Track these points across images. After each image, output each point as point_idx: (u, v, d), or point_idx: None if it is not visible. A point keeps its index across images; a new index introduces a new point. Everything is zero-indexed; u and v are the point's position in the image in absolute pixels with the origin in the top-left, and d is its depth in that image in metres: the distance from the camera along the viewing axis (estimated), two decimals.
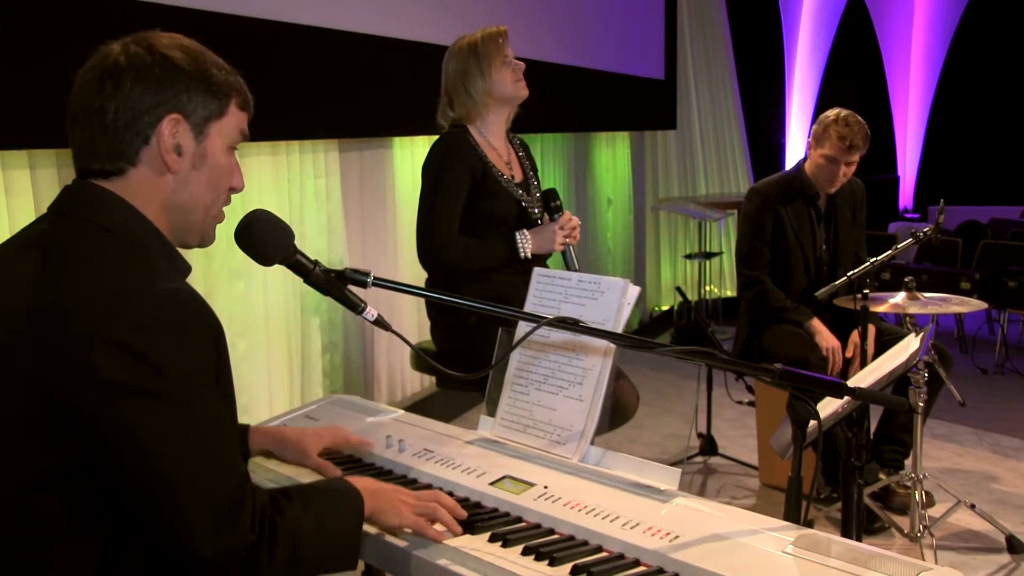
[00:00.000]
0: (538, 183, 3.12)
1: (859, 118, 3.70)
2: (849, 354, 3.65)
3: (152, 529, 1.28)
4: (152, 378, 1.23)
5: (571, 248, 2.96)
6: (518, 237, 2.90)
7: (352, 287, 1.64)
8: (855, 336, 3.57)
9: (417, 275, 3.04)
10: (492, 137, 3.01)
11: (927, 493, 3.52)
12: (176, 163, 1.40)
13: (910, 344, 2.75)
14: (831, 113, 3.74)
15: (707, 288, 7.56)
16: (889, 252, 3.37)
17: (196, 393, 1.28)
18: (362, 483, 1.55)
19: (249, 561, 1.30)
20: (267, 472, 1.81)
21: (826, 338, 3.68)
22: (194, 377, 1.28)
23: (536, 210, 3.02)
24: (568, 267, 2.95)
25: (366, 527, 1.53)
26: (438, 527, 1.54)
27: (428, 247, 2.90)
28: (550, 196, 2.98)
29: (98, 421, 1.23)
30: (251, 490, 1.33)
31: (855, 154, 3.68)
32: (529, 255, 2.90)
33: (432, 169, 2.94)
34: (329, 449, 1.86)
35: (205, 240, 1.50)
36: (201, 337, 1.30)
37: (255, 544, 1.30)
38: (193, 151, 1.41)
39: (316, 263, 1.61)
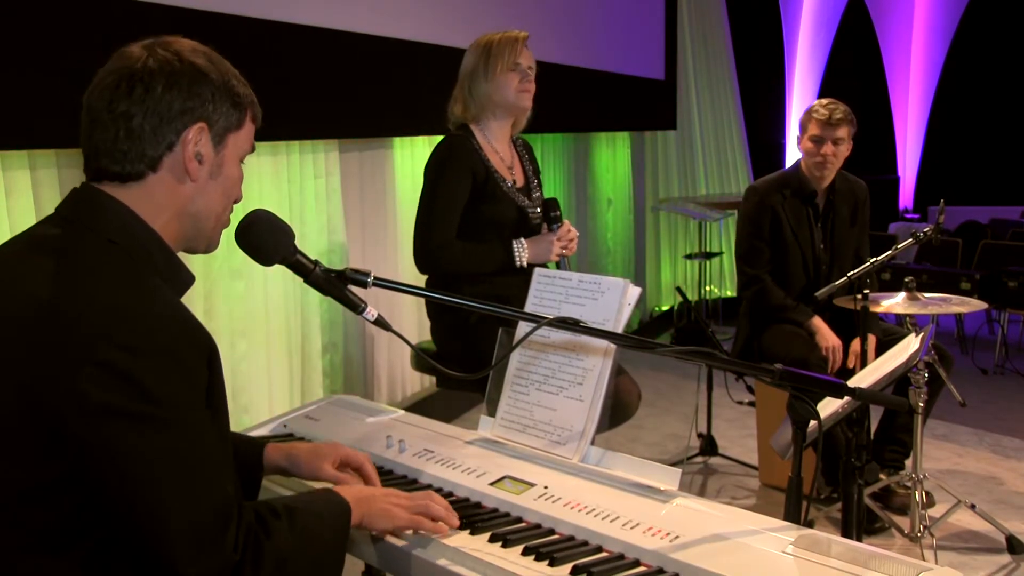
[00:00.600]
0: (540, 187, 3.12)
1: (840, 101, 3.80)
2: (851, 364, 3.65)
3: (137, 548, 1.28)
4: (140, 401, 1.23)
5: (567, 260, 2.95)
6: (515, 246, 2.90)
7: (352, 287, 1.64)
8: (855, 346, 3.57)
9: (417, 275, 3.04)
10: (495, 140, 3.00)
11: (927, 493, 3.52)
12: (197, 171, 1.40)
13: (910, 344, 2.75)
14: (812, 104, 3.87)
15: (707, 288, 7.56)
16: (889, 252, 3.37)
17: (184, 416, 1.27)
18: (352, 491, 1.55)
19: None
20: (284, 489, 1.78)
21: (826, 337, 3.68)
22: (183, 400, 1.27)
23: (537, 215, 3.01)
24: None
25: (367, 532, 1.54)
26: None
27: (425, 249, 2.90)
28: (550, 206, 2.97)
29: (84, 442, 1.22)
30: (237, 509, 1.33)
31: (839, 129, 3.71)
32: (525, 264, 2.89)
33: (433, 171, 2.94)
34: (345, 460, 1.77)
35: (211, 246, 1.51)
36: (192, 360, 1.29)
37: (238, 565, 1.30)
38: (212, 160, 1.42)
39: (316, 263, 1.61)
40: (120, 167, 1.37)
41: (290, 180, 3.70)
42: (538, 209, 3.02)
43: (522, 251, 2.90)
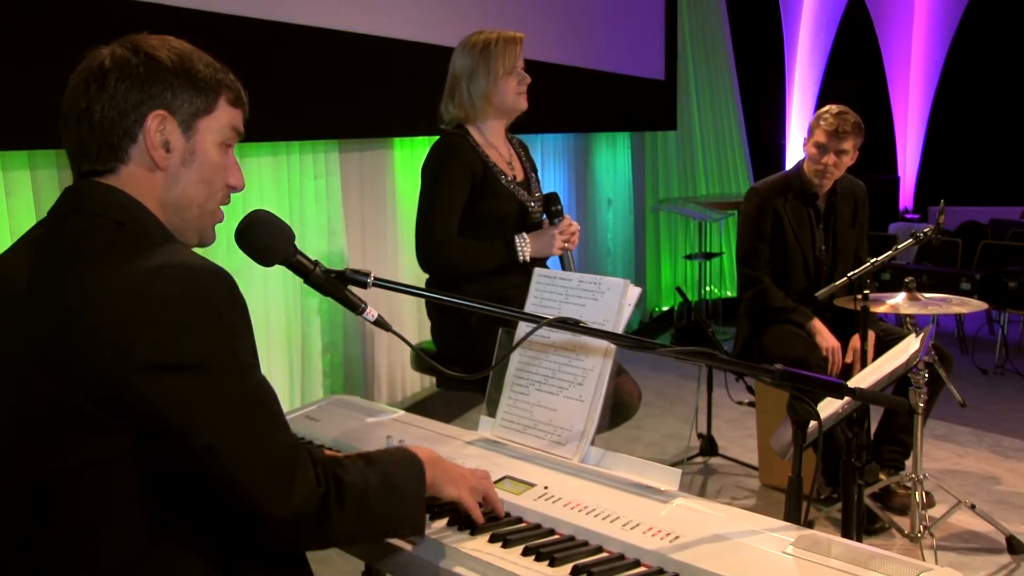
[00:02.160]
0: (539, 183, 3.12)
1: (851, 111, 3.76)
2: (849, 359, 3.66)
3: (220, 500, 1.30)
4: (194, 352, 1.26)
5: (569, 253, 2.96)
6: (517, 241, 2.90)
7: (352, 287, 1.64)
8: (855, 341, 3.58)
9: (417, 275, 3.04)
10: (493, 138, 3.01)
11: (927, 493, 3.52)
12: (164, 160, 1.40)
13: (910, 345, 2.75)
14: (824, 107, 3.82)
15: (707, 288, 7.56)
16: (889, 253, 3.37)
17: (238, 364, 1.30)
18: (425, 451, 1.58)
19: (320, 513, 1.34)
20: None
21: (826, 338, 3.68)
22: (235, 348, 1.30)
23: (538, 210, 3.02)
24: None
25: None
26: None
27: (427, 247, 2.90)
28: (551, 200, 2.97)
29: (149, 404, 1.25)
30: (308, 449, 1.37)
31: (845, 141, 3.70)
32: (527, 259, 2.90)
33: (432, 169, 2.94)
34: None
35: (204, 239, 1.50)
36: (236, 310, 1.32)
37: (324, 496, 1.34)
38: (183, 148, 1.42)
39: (316, 263, 1.61)
40: (91, 164, 1.39)
41: (290, 180, 3.70)
42: (538, 204, 3.03)
43: (524, 246, 2.90)
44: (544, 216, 3.01)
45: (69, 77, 1.41)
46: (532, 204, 3.00)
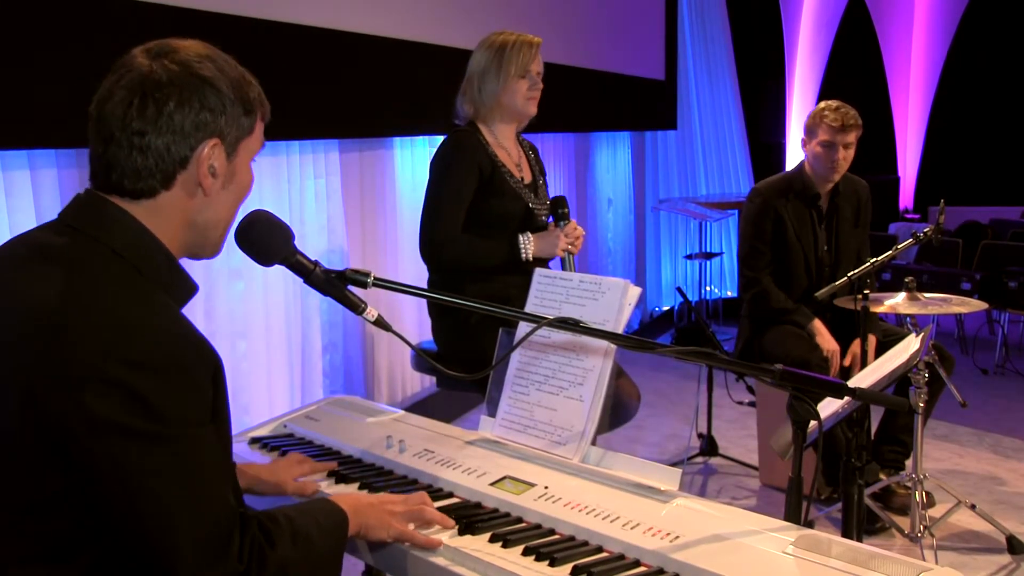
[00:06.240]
0: (547, 186, 3.14)
1: (846, 104, 3.77)
2: (847, 363, 3.66)
3: (142, 561, 1.27)
4: (146, 419, 1.23)
5: (571, 257, 2.96)
6: (521, 239, 2.91)
7: (352, 287, 1.64)
8: (855, 346, 3.58)
9: (418, 276, 3.05)
10: (503, 138, 3.03)
11: (927, 493, 3.52)
12: (211, 186, 1.39)
13: (911, 344, 2.75)
14: (819, 105, 3.83)
15: (707, 288, 7.57)
16: (889, 252, 3.37)
17: (189, 433, 1.27)
18: (348, 500, 1.55)
19: None
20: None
21: (827, 340, 3.68)
22: (188, 417, 1.27)
23: (543, 213, 3.03)
24: None
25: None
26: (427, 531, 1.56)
27: (431, 242, 2.91)
28: (558, 204, 2.99)
29: (90, 457, 1.22)
30: (241, 521, 1.33)
31: (850, 134, 3.71)
32: (530, 257, 2.91)
33: (440, 165, 2.95)
34: (304, 472, 1.83)
35: (216, 252, 1.50)
36: (198, 376, 1.29)
37: (243, 575, 1.30)
38: (224, 171, 1.41)
39: (316, 263, 1.61)
40: (133, 185, 1.36)
41: (290, 180, 3.70)
42: (544, 207, 3.04)
43: (528, 244, 2.91)
44: (551, 219, 3.02)
45: (103, 83, 1.36)
46: (538, 207, 3.01)
